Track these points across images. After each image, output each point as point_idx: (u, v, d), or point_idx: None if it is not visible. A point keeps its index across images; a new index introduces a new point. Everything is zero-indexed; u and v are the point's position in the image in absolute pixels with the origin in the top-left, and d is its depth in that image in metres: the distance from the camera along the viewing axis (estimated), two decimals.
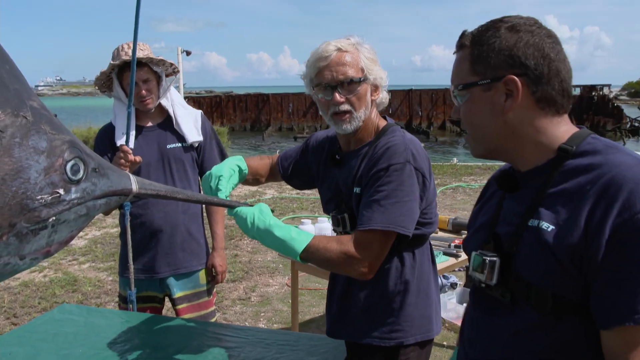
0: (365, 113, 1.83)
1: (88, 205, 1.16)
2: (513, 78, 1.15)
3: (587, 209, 1.06)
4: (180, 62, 13.99)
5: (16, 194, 0.98)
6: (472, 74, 1.21)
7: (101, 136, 2.78)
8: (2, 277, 1.09)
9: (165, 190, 1.40)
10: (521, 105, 1.17)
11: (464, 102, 1.24)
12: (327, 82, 1.79)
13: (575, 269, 1.07)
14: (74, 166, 1.09)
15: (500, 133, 1.21)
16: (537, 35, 1.17)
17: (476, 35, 1.22)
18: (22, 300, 5.19)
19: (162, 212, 2.74)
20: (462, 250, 1.47)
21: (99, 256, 6.50)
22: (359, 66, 1.79)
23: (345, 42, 1.80)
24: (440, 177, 11.55)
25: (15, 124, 0.99)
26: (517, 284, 1.17)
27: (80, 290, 5.44)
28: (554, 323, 1.12)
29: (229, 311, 4.94)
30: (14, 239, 1.01)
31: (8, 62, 1.07)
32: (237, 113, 35.25)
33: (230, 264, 6.12)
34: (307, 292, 5.32)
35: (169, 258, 2.78)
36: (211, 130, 2.91)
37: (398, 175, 1.72)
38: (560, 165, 1.16)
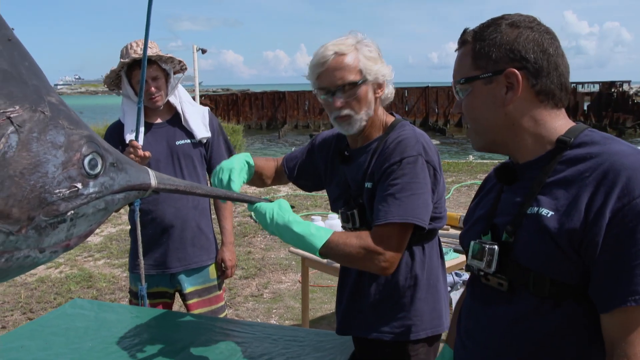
0: (367, 113, 1.83)
1: (106, 199, 1.17)
2: (514, 71, 1.20)
3: (587, 195, 1.10)
4: (195, 60, 14.05)
5: (34, 188, 0.99)
6: (474, 68, 1.26)
7: (110, 133, 2.82)
8: (23, 270, 1.10)
9: (184, 186, 1.41)
10: (521, 98, 1.21)
11: (466, 95, 1.28)
12: (326, 87, 1.81)
13: (574, 253, 1.10)
14: (92, 160, 1.10)
15: (501, 125, 1.25)
16: (536, 31, 1.22)
17: (478, 32, 1.26)
18: (38, 296, 5.26)
19: (173, 207, 2.77)
20: (459, 244, 1.49)
21: (114, 253, 6.57)
22: (357, 68, 1.79)
23: (344, 43, 1.80)
24: (456, 174, 11.50)
25: (34, 119, 1.01)
26: (515, 271, 1.19)
27: (95, 286, 5.51)
28: (552, 309, 1.15)
29: (241, 307, 4.97)
30: (33, 232, 1.03)
31: (27, 59, 1.09)
32: (253, 111, 35.35)
33: (244, 261, 6.15)
34: (319, 289, 5.33)
35: (180, 253, 2.81)
36: (218, 127, 2.94)
37: (411, 168, 1.73)
38: (559, 155, 1.20)
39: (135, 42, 2.72)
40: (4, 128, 0.96)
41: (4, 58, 1.02)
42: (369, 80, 1.81)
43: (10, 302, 5.12)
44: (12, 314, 4.86)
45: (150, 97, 2.70)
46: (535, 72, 1.20)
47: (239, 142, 14.61)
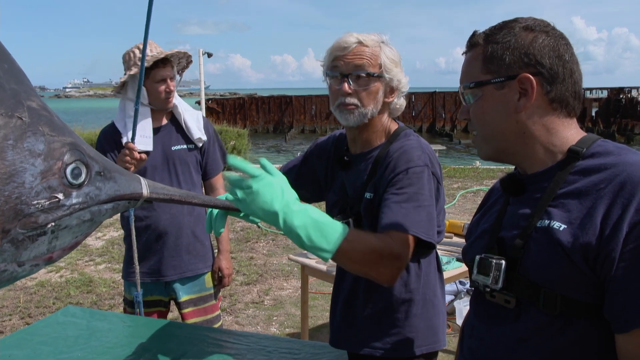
0: (373, 111, 1.76)
1: (92, 210, 1.11)
2: (528, 76, 1.14)
3: (603, 208, 1.04)
4: (201, 64, 14.07)
5: (9, 199, 0.94)
6: (484, 72, 1.20)
7: (105, 136, 2.76)
8: (0, 285, 1.05)
9: (179, 195, 1.33)
10: (534, 105, 1.16)
11: (476, 100, 1.22)
12: (340, 70, 1.74)
13: (588, 269, 1.04)
14: (75, 170, 1.05)
15: (511, 132, 1.19)
16: (552, 35, 1.17)
17: (489, 34, 1.20)
18: (38, 300, 5.22)
19: (168, 214, 2.72)
20: (462, 258, 1.41)
21: (115, 257, 6.52)
22: (377, 62, 1.73)
23: (370, 36, 1.75)
24: (462, 180, 11.41)
25: (9, 125, 0.95)
26: (524, 287, 1.13)
27: (95, 291, 5.46)
28: (563, 326, 1.09)
29: (241, 314, 4.91)
30: (9, 245, 0.97)
31: (7, 60, 1.04)
32: (260, 115, 35.41)
33: (245, 267, 6.09)
34: (320, 296, 5.26)
35: (175, 261, 2.76)
36: (213, 132, 2.91)
37: (418, 178, 1.67)
38: (571, 166, 1.14)
39: (137, 48, 2.68)
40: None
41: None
42: (385, 79, 1.76)
43: (9, 307, 5.08)
44: (10, 319, 4.81)
45: (168, 97, 2.68)
46: (551, 78, 1.15)
47: (244, 146, 14.58)
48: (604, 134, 29.04)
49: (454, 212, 8.45)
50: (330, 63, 1.78)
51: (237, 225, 7.93)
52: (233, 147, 13.90)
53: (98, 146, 2.76)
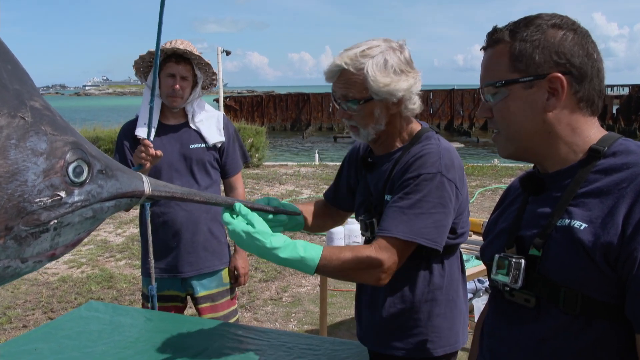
0: (375, 128, 1.76)
1: (94, 207, 1.13)
2: (559, 76, 1.12)
3: (625, 207, 1.03)
4: (219, 61, 14.13)
5: (12, 197, 0.96)
6: (511, 70, 1.17)
7: (124, 130, 2.81)
8: (4, 280, 1.07)
9: (181, 192, 1.36)
10: (562, 105, 1.14)
11: (501, 99, 1.19)
12: (334, 94, 1.78)
13: (609, 268, 1.03)
14: (77, 168, 1.07)
15: (537, 132, 1.17)
16: (579, 33, 1.15)
17: (515, 31, 1.17)
18: (60, 296, 5.30)
19: (185, 210, 2.74)
20: (480, 257, 1.41)
21: (135, 253, 6.59)
22: (363, 87, 1.69)
23: (356, 59, 1.68)
24: (480, 178, 11.36)
25: (12, 125, 0.97)
26: (544, 286, 1.12)
27: (116, 287, 5.53)
28: (583, 326, 1.08)
29: (259, 311, 4.94)
30: (12, 242, 0.99)
31: (10, 61, 1.05)
32: (277, 112, 35.46)
33: (263, 264, 6.12)
34: (339, 293, 5.27)
35: (192, 258, 2.78)
36: (234, 132, 2.92)
37: (426, 185, 1.65)
38: (592, 165, 1.12)
39: (174, 40, 2.72)
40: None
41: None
42: (374, 99, 1.71)
43: (32, 301, 5.16)
44: (33, 313, 4.90)
45: (172, 94, 2.69)
46: (580, 77, 1.13)
47: (262, 143, 14.63)
48: (625, 132, 28.62)
49: (472, 210, 8.42)
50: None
51: None
52: (251, 144, 13.96)
53: (118, 140, 2.80)
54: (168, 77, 2.66)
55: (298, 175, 12.51)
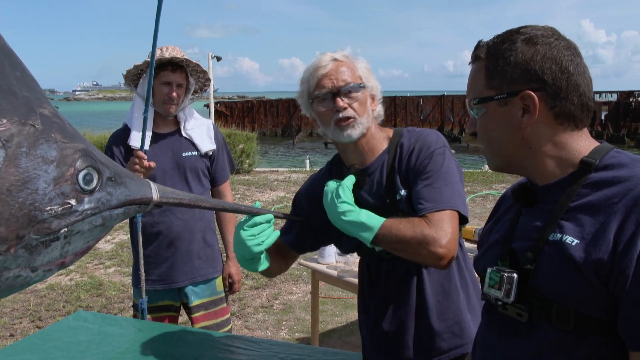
0: (367, 120, 1.78)
1: (104, 215, 1.12)
2: (530, 93, 1.11)
3: (616, 223, 1.01)
4: (210, 67, 14.12)
5: (23, 205, 0.95)
6: (488, 87, 1.17)
7: (114, 139, 2.78)
8: (13, 290, 1.07)
9: (189, 199, 1.36)
10: (539, 121, 1.13)
11: (480, 116, 1.20)
12: (328, 90, 1.75)
13: (601, 285, 1.01)
14: (87, 175, 1.06)
15: (517, 147, 1.17)
16: (555, 47, 1.12)
17: (491, 47, 1.17)
18: (48, 304, 5.24)
19: (181, 219, 2.72)
20: (474, 267, 1.40)
21: (124, 260, 6.53)
22: (357, 74, 1.78)
23: (340, 53, 1.81)
24: (471, 184, 11.37)
25: (23, 132, 0.96)
26: (536, 301, 1.10)
27: (105, 295, 5.47)
28: (576, 342, 1.06)
29: (250, 319, 4.90)
30: (23, 251, 0.98)
31: (19, 68, 1.05)
32: (268, 118, 35.43)
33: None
34: (330, 301, 5.25)
35: (186, 267, 2.76)
36: (222, 140, 2.93)
37: (442, 158, 1.72)
38: (583, 178, 1.11)
39: (170, 47, 2.70)
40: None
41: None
42: (367, 88, 1.80)
43: (20, 310, 5.10)
44: (20, 322, 4.83)
45: (168, 102, 2.67)
46: (554, 93, 1.11)
47: (253, 149, 14.60)
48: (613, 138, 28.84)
49: None
50: (315, 87, 1.78)
51: None
52: (242, 150, 13.92)
53: (107, 148, 2.77)
54: (163, 85, 2.65)
55: (289, 181, 12.48)
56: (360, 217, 1.61)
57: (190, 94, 2.78)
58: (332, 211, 1.67)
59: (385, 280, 1.84)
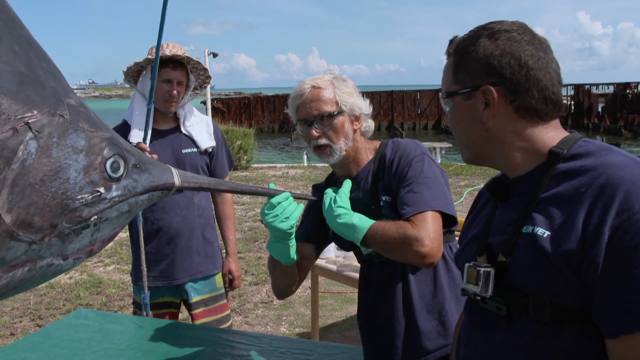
0: (346, 143, 1.84)
1: (130, 202, 1.15)
2: (489, 88, 1.14)
3: (584, 212, 1.02)
4: (207, 64, 14.08)
5: (56, 195, 0.97)
6: (454, 82, 1.21)
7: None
8: (46, 279, 1.09)
9: (208, 183, 1.40)
10: (501, 114, 1.15)
11: (449, 109, 1.24)
12: (303, 118, 1.84)
13: (573, 275, 1.02)
14: (114, 163, 1.08)
15: (482, 141, 1.20)
16: (516, 42, 1.14)
17: (459, 43, 1.21)
18: (48, 302, 5.24)
19: (180, 216, 2.73)
20: (455, 264, 1.42)
21: (124, 258, 6.53)
22: (334, 100, 1.83)
23: (321, 78, 1.86)
24: (469, 177, 11.39)
25: (53, 123, 0.98)
26: (513, 295, 1.12)
27: (105, 293, 5.47)
28: (554, 333, 1.07)
29: (250, 314, 4.91)
30: (56, 239, 1.00)
31: (45, 60, 1.06)
32: (265, 114, 35.45)
33: (254, 267, 6.10)
34: (330, 295, 5.26)
35: (186, 263, 2.76)
36: (221, 137, 2.93)
37: (422, 165, 1.76)
38: (552, 169, 1.12)
39: (171, 44, 2.71)
40: (23, 134, 0.93)
41: (20, 60, 0.99)
42: (345, 112, 1.84)
43: (20, 309, 5.10)
44: (20, 321, 4.83)
45: (169, 99, 2.68)
46: (513, 88, 1.13)
47: (250, 145, 14.59)
48: (610, 130, 28.88)
49: (461, 209, 8.44)
50: (295, 113, 1.88)
51: (245, 225, 7.94)
52: (239, 146, 13.91)
53: None
54: (164, 83, 2.65)
55: (287, 177, 12.49)
56: (353, 220, 1.68)
57: (190, 91, 2.79)
58: (329, 215, 1.73)
59: (374, 283, 1.90)
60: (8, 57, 0.97)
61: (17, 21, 1.04)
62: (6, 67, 0.96)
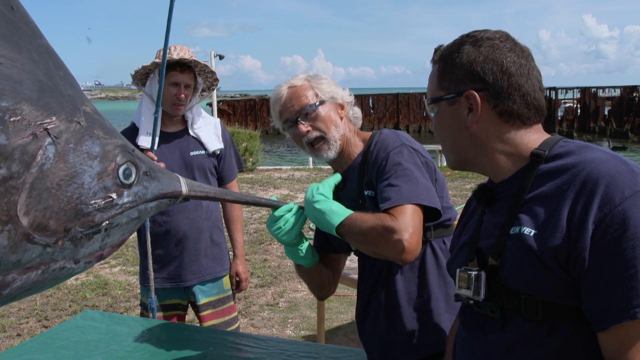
0: (338, 131, 1.84)
1: (140, 208, 1.18)
2: (473, 93, 1.18)
3: (567, 209, 1.04)
4: (213, 66, 14.10)
5: (71, 199, 1.00)
6: (439, 88, 1.25)
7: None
8: (58, 281, 1.11)
9: (214, 192, 1.43)
10: (484, 119, 1.19)
11: (434, 115, 1.27)
12: (287, 119, 1.84)
13: (562, 271, 1.04)
14: (126, 170, 1.11)
15: (467, 145, 1.23)
16: (498, 49, 1.18)
17: (444, 51, 1.25)
18: (54, 303, 5.26)
19: (188, 219, 2.74)
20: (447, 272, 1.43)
21: (130, 260, 6.56)
22: (313, 93, 1.84)
23: (295, 78, 1.88)
24: (474, 181, 11.36)
25: (70, 129, 1.01)
26: (505, 296, 1.14)
27: (110, 294, 5.49)
28: (549, 331, 1.09)
29: (256, 317, 4.92)
30: (69, 243, 1.03)
31: (62, 68, 1.09)
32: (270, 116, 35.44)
33: (259, 269, 6.10)
34: (335, 298, 5.26)
35: (194, 265, 2.77)
36: (230, 139, 2.94)
37: (400, 157, 1.72)
38: (534, 170, 1.15)
39: (174, 47, 2.71)
40: (42, 140, 0.96)
41: (40, 69, 1.02)
42: (327, 101, 1.84)
43: (26, 310, 5.11)
44: (27, 322, 4.85)
45: (177, 103, 2.69)
46: (495, 93, 1.17)
47: (256, 147, 14.60)
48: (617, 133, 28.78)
49: None
50: (279, 119, 1.88)
51: (251, 228, 7.94)
52: (245, 148, 13.92)
53: None
54: (171, 86, 2.66)
55: (292, 179, 12.49)
56: (331, 206, 1.65)
57: (198, 93, 2.80)
58: (308, 202, 1.69)
59: (364, 280, 1.92)
60: (29, 65, 1.00)
61: (37, 31, 1.07)
62: (27, 75, 0.98)
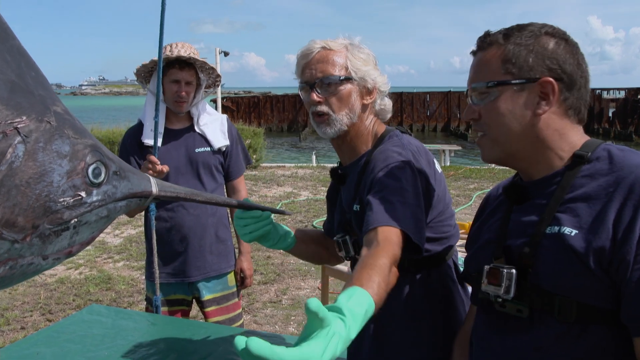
0: (349, 117, 1.64)
1: (109, 207, 1.19)
2: (550, 80, 1.14)
3: (614, 211, 1.03)
4: (217, 62, 14.12)
5: (40, 197, 1.02)
6: (504, 72, 1.18)
7: (129, 136, 2.80)
8: (26, 277, 1.12)
9: (184, 193, 1.42)
10: (551, 110, 1.16)
11: (491, 100, 1.19)
12: (306, 80, 1.65)
13: (603, 273, 1.03)
14: (96, 169, 1.12)
15: (525, 135, 1.18)
16: (572, 44, 1.18)
17: (509, 35, 1.19)
18: (58, 297, 5.27)
19: (193, 215, 2.74)
20: (464, 269, 1.39)
21: (133, 255, 6.57)
22: (344, 65, 1.62)
23: (335, 41, 1.66)
24: (478, 181, 11.35)
25: (40, 129, 1.03)
26: (536, 296, 1.12)
27: (114, 289, 5.50)
28: (580, 333, 1.07)
29: (259, 314, 4.93)
30: (37, 239, 1.04)
31: (33, 68, 1.11)
32: (274, 114, 35.47)
33: (262, 266, 6.11)
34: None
35: (199, 262, 2.78)
36: (237, 135, 2.93)
37: (401, 174, 1.50)
38: (577, 169, 1.14)
39: (175, 44, 2.71)
40: (12, 138, 0.98)
41: (11, 69, 1.04)
42: (355, 80, 1.64)
43: (30, 303, 5.13)
44: (31, 315, 4.87)
45: (178, 100, 2.68)
46: (570, 84, 1.16)
47: (260, 145, 14.61)
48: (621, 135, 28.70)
49: (470, 213, 8.42)
50: (299, 74, 1.69)
51: None
52: (249, 145, 13.93)
53: (122, 144, 2.79)
54: (172, 83, 2.66)
55: (296, 177, 12.50)
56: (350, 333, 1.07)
57: (202, 89, 2.79)
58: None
59: None
60: (0, 66, 1.02)
61: (9, 32, 1.09)
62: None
